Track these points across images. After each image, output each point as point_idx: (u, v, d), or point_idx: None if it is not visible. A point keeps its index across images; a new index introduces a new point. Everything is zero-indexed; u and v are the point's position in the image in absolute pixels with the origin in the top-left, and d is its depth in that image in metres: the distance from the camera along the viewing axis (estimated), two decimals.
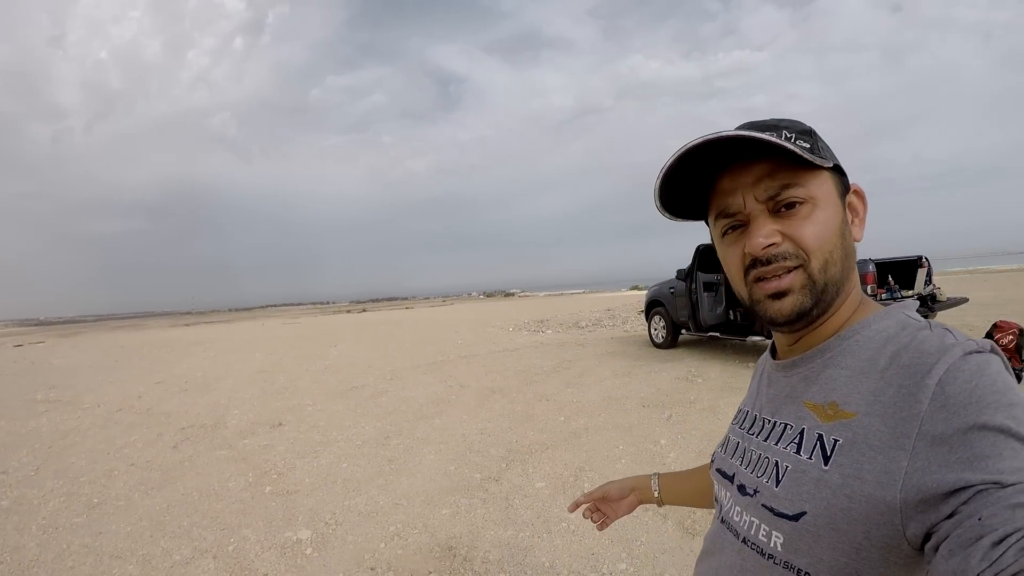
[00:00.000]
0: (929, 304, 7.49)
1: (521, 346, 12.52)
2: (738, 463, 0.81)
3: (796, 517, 0.65)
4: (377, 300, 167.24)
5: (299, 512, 3.81)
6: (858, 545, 0.60)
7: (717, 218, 0.76)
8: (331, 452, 5.18)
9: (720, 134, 0.67)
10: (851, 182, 0.77)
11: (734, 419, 0.93)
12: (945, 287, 8.85)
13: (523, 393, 7.24)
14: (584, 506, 1.27)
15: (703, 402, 6.16)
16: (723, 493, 0.84)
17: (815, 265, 0.69)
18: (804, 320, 0.72)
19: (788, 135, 0.69)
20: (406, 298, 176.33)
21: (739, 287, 0.76)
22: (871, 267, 6.90)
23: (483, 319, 24.11)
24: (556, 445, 4.88)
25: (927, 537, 0.55)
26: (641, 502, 1.22)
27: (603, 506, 1.25)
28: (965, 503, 0.51)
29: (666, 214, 0.80)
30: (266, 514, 3.82)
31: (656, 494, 1.19)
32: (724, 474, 0.85)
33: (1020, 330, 6.49)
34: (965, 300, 8.23)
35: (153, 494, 4.31)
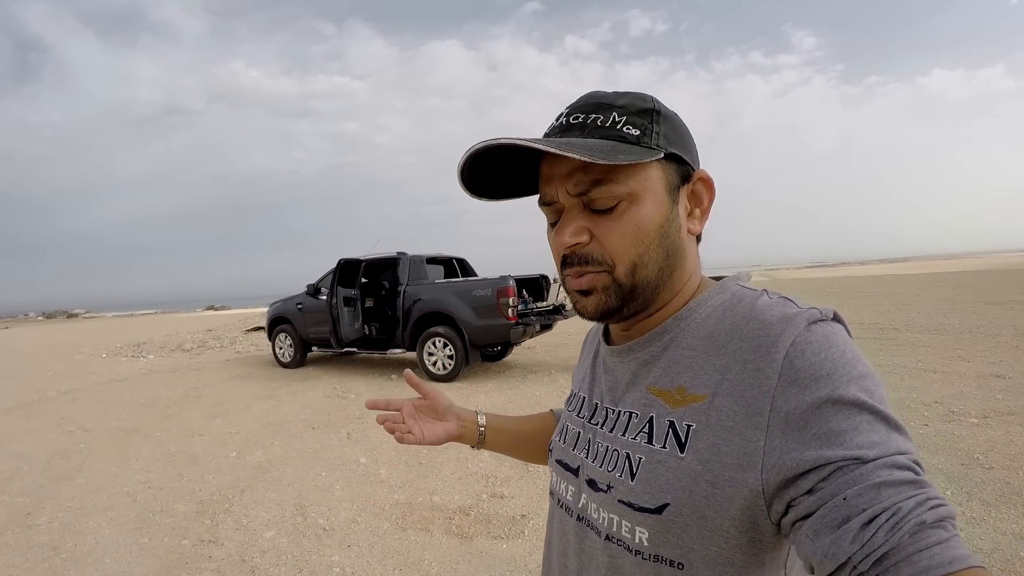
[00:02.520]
0: (561, 311, 8.79)
1: (129, 375, 10.28)
2: (583, 456, 0.74)
3: (659, 510, 0.60)
4: None
5: None
6: (726, 533, 0.57)
7: (540, 204, 0.70)
8: None
9: (501, 141, 0.61)
10: (699, 168, 0.69)
11: (567, 403, 0.86)
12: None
13: (166, 431, 6.01)
14: (393, 410, 0.99)
15: (372, 415, 6.15)
16: (564, 486, 0.77)
17: (620, 270, 0.64)
18: (614, 317, 0.68)
19: (619, 117, 0.63)
20: None
21: (558, 272, 0.72)
22: (511, 282, 7.67)
23: (64, 344, 18.89)
24: (250, 486, 4.26)
25: (785, 512, 0.53)
26: (459, 438, 1.00)
27: (420, 413, 1.00)
28: (824, 479, 0.50)
29: (483, 198, 0.73)
30: None
31: (481, 430, 1.01)
32: (567, 466, 0.77)
33: None
34: None
35: None
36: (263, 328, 15.76)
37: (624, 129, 0.62)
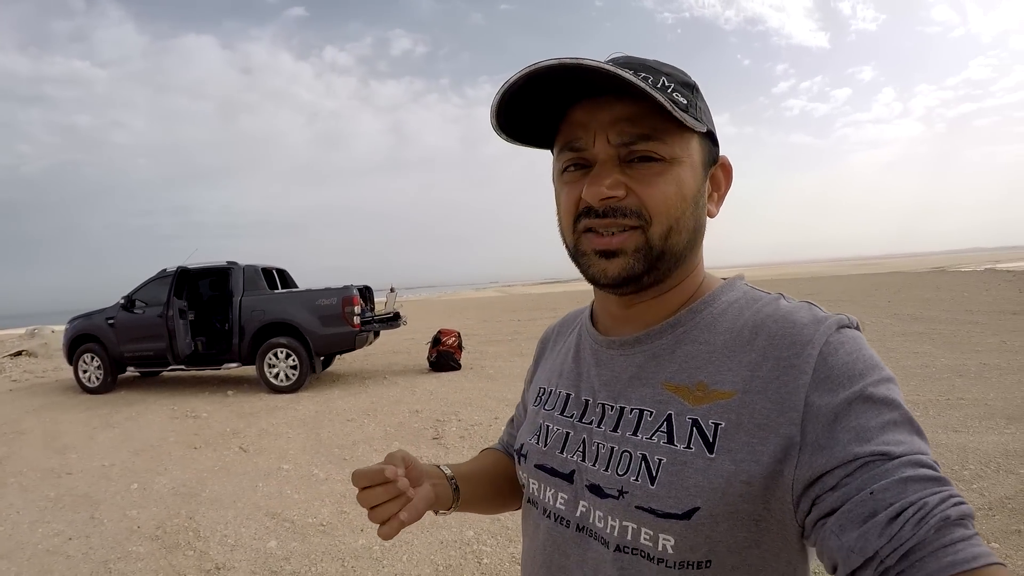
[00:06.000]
0: (398, 319, 8.56)
1: None
2: (578, 459, 0.63)
3: (688, 515, 0.52)
4: None
5: None
6: (758, 516, 0.52)
7: (562, 150, 0.61)
8: None
9: (582, 61, 0.52)
10: (721, 154, 0.63)
11: (536, 401, 0.75)
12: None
13: (19, 474, 4.70)
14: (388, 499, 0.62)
15: (250, 430, 5.68)
16: (551, 494, 0.65)
17: (656, 230, 0.57)
18: (631, 285, 0.59)
19: (667, 83, 0.56)
20: None
21: (566, 233, 0.62)
22: (355, 291, 7.41)
23: None
24: (194, 511, 3.75)
25: (809, 511, 0.49)
26: (434, 501, 0.70)
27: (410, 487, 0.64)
28: (850, 475, 0.46)
29: (503, 135, 0.63)
30: None
31: (453, 482, 0.74)
32: (554, 471, 0.66)
33: (458, 334, 8.67)
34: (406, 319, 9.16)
35: None
36: (28, 352, 12.41)
37: (674, 95, 0.56)
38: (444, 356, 8.48)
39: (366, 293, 8.80)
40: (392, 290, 9.15)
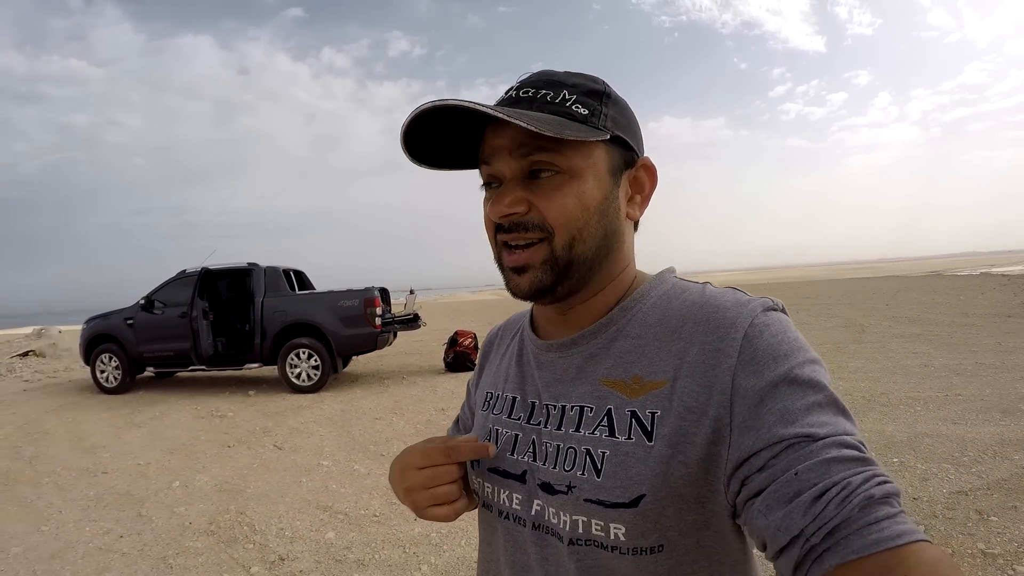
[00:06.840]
0: (417, 320, 8.55)
1: None
2: (528, 459, 0.63)
3: (635, 502, 0.53)
4: None
5: None
6: (703, 499, 0.53)
7: (480, 165, 0.63)
8: None
9: (448, 102, 0.54)
10: (643, 156, 0.64)
11: (484, 406, 0.74)
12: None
13: (52, 474, 4.57)
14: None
15: (281, 429, 5.64)
16: (506, 495, 0.65)
17: (559, 241, 0.58)
18: (546, 297, 0.61)
19: (569, 95, 0.58)
20: None
21: (492, 246, 0.65)
22: (376, 292, 7.43)
23: None
24: (244, 506, 3.70)
25: (738, 492, 0.50)
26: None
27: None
28: (776, 456, 0.47)
29: (423, 165, 0.65)
30: None
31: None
32: (507, 473, 0.65)
33: (475, 335, 8.69)
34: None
35: None
36: (37, 352, 12.13)
37: (573, 107, 0.58)
38: (461, 357, 8.46)
39: (384, 295, 8.83)
40: (412, 292, 9.17)
